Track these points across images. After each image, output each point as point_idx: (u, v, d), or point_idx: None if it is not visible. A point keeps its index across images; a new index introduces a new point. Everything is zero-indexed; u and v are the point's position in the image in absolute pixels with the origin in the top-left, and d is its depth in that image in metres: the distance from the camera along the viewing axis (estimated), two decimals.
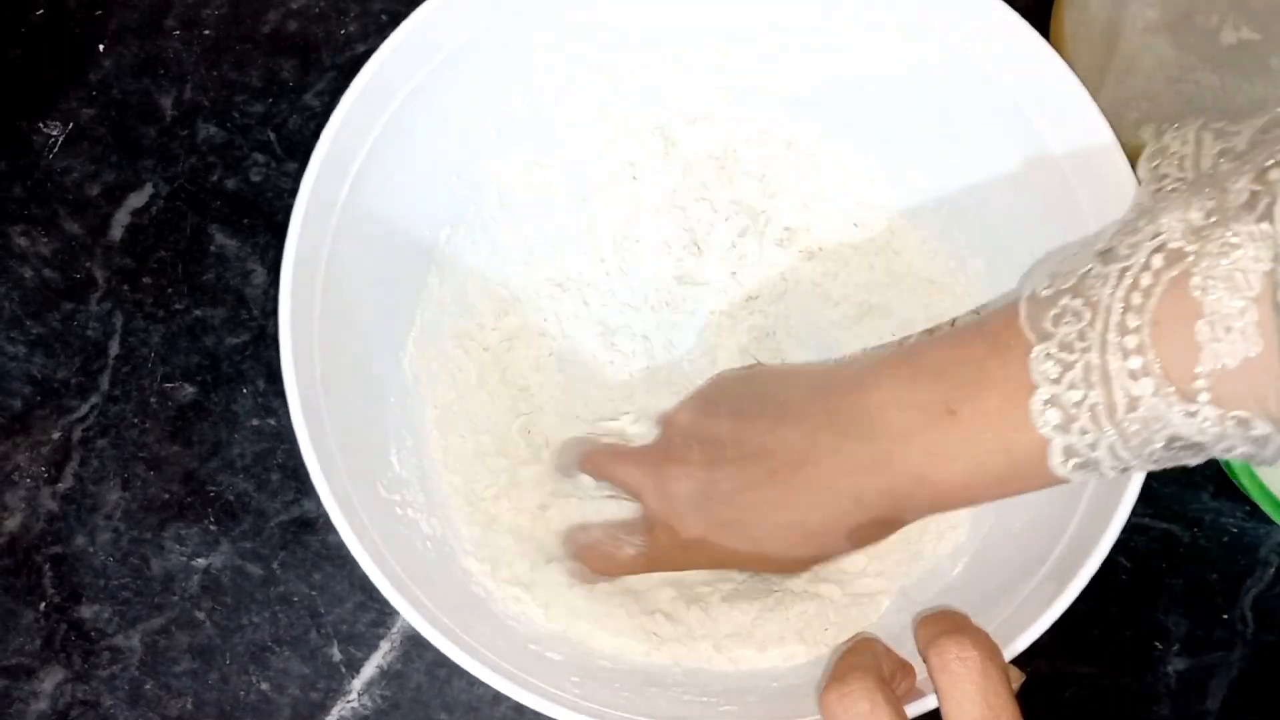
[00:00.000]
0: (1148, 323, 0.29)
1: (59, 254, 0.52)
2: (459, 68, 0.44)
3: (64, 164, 0.53)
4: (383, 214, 0.44)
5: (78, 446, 0.51)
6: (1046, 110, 0.41)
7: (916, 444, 0.35)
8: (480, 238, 0.49)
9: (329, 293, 0.41)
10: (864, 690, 0.33)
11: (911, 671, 0.37)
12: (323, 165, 0.40)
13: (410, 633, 0.49)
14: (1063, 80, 0.40)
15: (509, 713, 0.49)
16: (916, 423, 0.35)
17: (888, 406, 0.35)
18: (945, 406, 0.34)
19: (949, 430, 0.34)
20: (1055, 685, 0.49)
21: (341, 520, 0.37)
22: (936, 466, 0.34)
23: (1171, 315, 0.29)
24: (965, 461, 0.34)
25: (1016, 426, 0.32)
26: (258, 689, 0.49)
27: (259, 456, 0.51)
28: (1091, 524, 0.38)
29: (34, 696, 0.49)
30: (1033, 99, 0.42)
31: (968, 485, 0.34)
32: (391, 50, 0.41)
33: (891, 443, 0.35)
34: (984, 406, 0.33)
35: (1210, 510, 0.50)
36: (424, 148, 0.45)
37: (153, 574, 0.50)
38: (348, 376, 0.42)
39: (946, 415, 0.34)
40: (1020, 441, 0.32)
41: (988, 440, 0.33)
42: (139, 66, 0.54)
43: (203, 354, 0.52)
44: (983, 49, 0.42)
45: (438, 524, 0.44)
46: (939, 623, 0.35)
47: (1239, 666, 0.50)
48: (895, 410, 0.35)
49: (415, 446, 0.46)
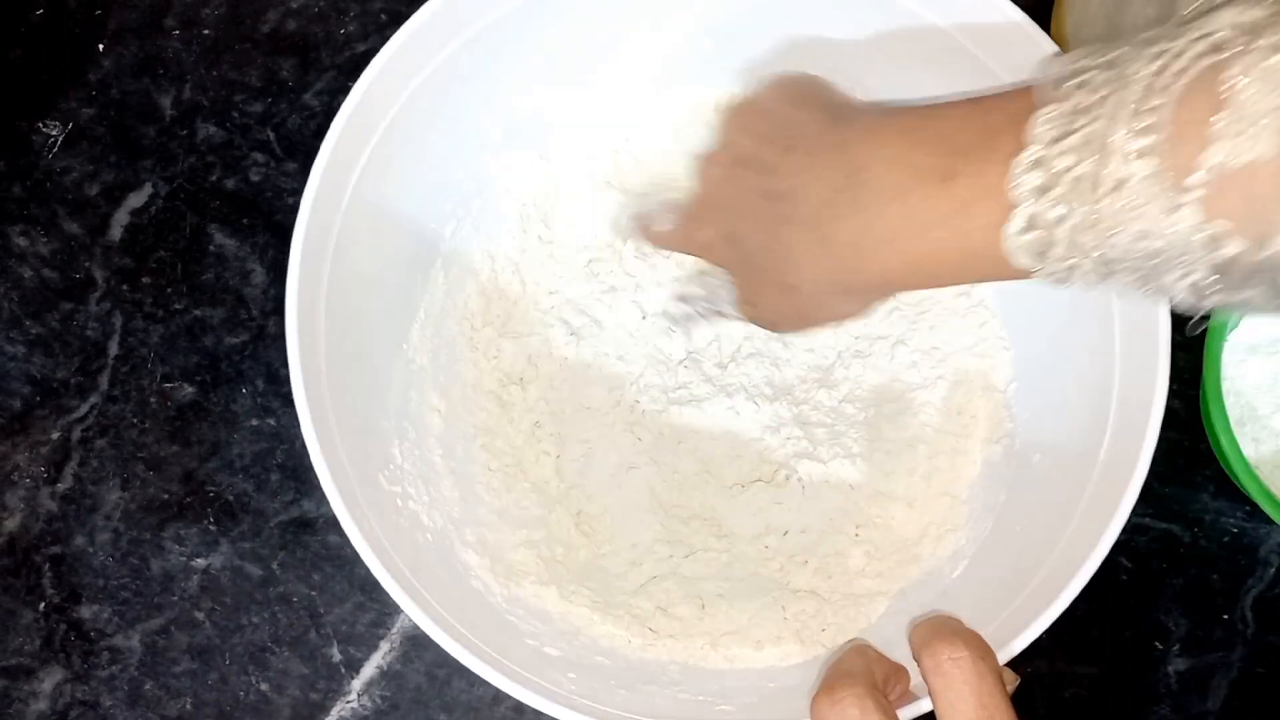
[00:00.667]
0: (1170, 102, 0.28)
1: (58, 254, 0.52)
2: (462, 65, 0.44)
3: (63, 164, 0.53)
4: (387, 209, 0.44)
5: (77, 446, 0.51)
6: None
7: (900, 202, 0.34)
8: (484, 232, 0.49)
9: (334, 286, 0.41)
10: (854, 697, 0.33)
11: (905, 676, 0.37)
12: (329, 160, 0.40)
13: (410, 633, 0.49)
14: None
15: (509, 713, 0.49)
16: (906, 181, 0.34)
17: (886, 161, 0.35)
18: (942, 173, 0.33)
19: (938, 196, 0.33)
20: (1055, 685, 0.49)
21: (343, 510, 0.37)
22: (915, 229, 0.34)
23: (1197, 100, 0.27)
24: (945, 230, 0.33)
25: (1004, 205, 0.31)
26: (257, 689, 0.49)
27: (258, 456, 0.51)
28: (1091, 524, 0.38)
29: (34, 696, 0.49)
30: None
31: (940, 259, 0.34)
32: (399, 46, 0.41)
33: (876, 194, 0.35)
34: (982, 179, 0.32)
35: (1211, 510, 0.50)
36: (428, 144, 0.45)
37: (152, 574, 0.50)
38: (351, 369, 0.42)
39: (939, 182, 0.33)
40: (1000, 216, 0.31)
41: (974, 214, 0.32)
42: (139, 66, 0.54)
43: (202, 354, 0.52)
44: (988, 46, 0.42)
45: (439, 517, 0.45)
46: (932, 626, 0.35)
47: (1239, 666, 0.50)
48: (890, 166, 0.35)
49: (418, 439, 0.46)
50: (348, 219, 0.42)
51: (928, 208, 0.33)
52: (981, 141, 0.32)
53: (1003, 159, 0.31)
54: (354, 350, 0.43)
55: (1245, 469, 0.45)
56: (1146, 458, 0.38)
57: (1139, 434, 0.38)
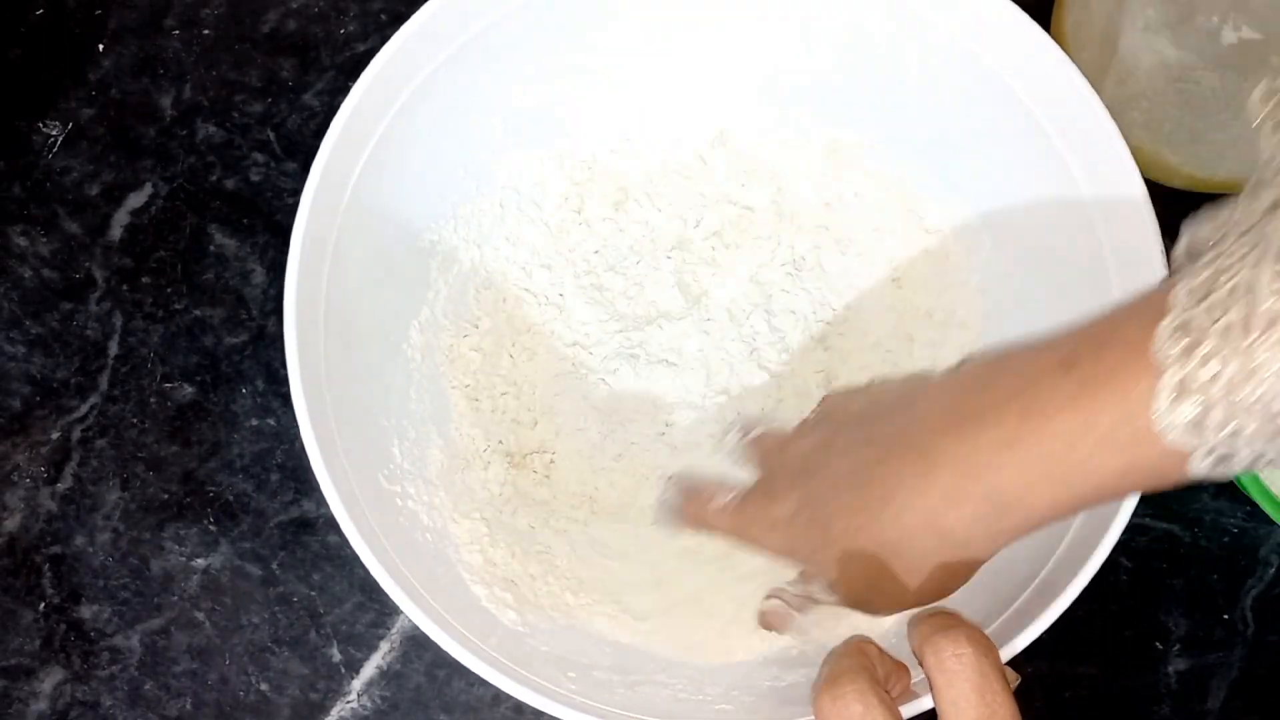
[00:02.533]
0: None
1: (58, 254, 0.52)
2: (463, 65, 0.44)
3: (63, 164, 0.53)
4: (387, 208, 0.45)
5: (77, 446, 0.51)
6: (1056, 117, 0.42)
7: (1019, 399, 0.31)
8: (485, 231, 0.49)
9: (333, 286, 0.41)
10: (856, 692, 0.33)
11: (906, 673, 0.37)
12: (329, 160, 0.40)
13: (410, 633, 0.49)
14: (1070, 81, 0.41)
15: (508, 713, 0.49)
16: (1025, 380, 0.31)
17: (1002, 373, 0.32)
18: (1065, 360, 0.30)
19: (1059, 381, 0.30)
20: (1055, 685, 0.49)
21: (342, 510, 0.37)
22: (1035, 424, 0.30)
23: None
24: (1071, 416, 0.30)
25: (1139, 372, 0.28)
26: (257, 689, 0.49)
27: (258, 456, 0.51)
28: (1092, 525, 0.38)
29: (33, 697, 0.49)
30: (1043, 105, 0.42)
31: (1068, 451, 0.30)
32: (399, 46, 0.41)
33: (992, 400, 0.32)
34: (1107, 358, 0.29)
35: (1211, 510, 0.50)
36: (428, 144, 0.45)
37: (152, 574, 0.50)
38: (351, 369, 0.42)
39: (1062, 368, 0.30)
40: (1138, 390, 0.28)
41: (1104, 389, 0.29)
42: (138, 66, 0.54)
43: (202, 354, 0.52)
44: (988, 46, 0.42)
45: (438, 517, 0.45)
46: (934, 621, 0.35)
47: (1239, 666, 0.50)
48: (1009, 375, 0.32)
49: (417, 438, 0.46)
50: (347, 219, 0.42)
51: (1050, 396, 0.30)
52: (1108, 330, 0.30)
53: (1131, 341, 0.28)
54: (353, 350, 0.43)
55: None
56: None
57: None
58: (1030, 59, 0.41)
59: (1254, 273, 0.26)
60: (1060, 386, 0.30)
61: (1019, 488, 0.32)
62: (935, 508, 0.33)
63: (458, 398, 0.48)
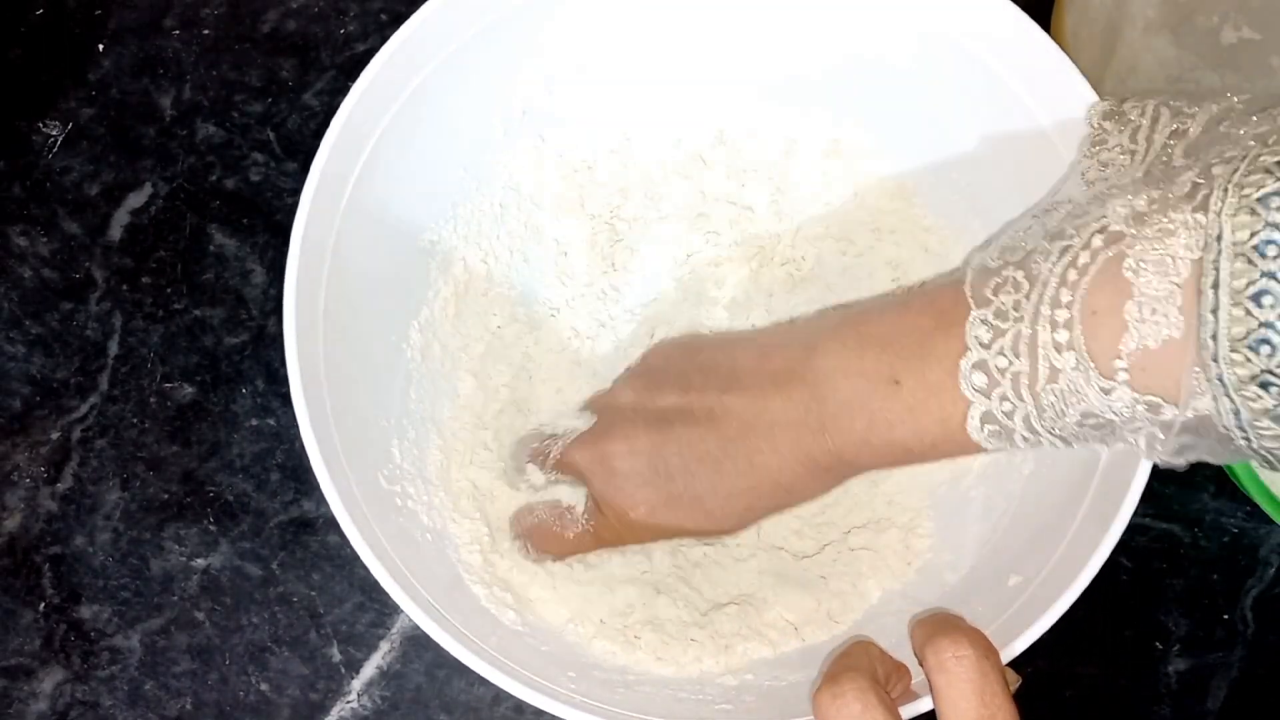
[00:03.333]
0: (1079, 299, 0.31)
1: (58, 254, 0.52)
2: (462, 65, 0.44)
3: (63, 164, 0.53)
4: (387, 208, 0.45)
5: (77, 446, 0.51)
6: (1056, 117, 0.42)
7: (861, 411, 0.36)
8: (484, 231, 0.49)
9: (333, 286, 0.41)
10: (857, 691, 0.33)
11: (907, 673, 0.37)
12: (329, 160, 0.40)
13: (410, 633, 0.49)
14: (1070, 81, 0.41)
15: (509, 713, 0.49)
16: (862, 391, 0.36)
17: (835, 374, 0.37)
18: (890, 377, 0.35)
19: (892, 399, 0.35)
20: (1055, 685, 0.49)
21: (342, 510, 0.37)
22: (880, 432, 0.35)
23: (1103, 293, 0.30)
24: (906, 428, 0.35)
25: (954, 398, 0.33)
26: (257, 689, 0.49)
27: (258, 456, 0.51)
28: (1093, 526, 0.38)
29: (33, 697, 0.49)
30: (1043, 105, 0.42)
31: (909, 449, 0.35)
32: (398, 46, 0.41)
33: (838, 409, 0.36)
34: (926, 379, 0.34)
35: (1211, 510, 0.50)
36: (428, 143, 0.45)
37: (152, 574, 0.50)
38: (351, 369, 0.42)
39: (890, 385, 0.35)
40: (955, 412, 0.33)
41: (929, 410, 0.34)
42: (138, 66, 0.54)
43: (202, 354, 0.52)
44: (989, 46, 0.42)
45: (438, 517, 0.45)
46: (935, 623, 0.35)
47: (1239, 666, 0.50)
48: (842, 378, 0.36)
49: (416, 438, 0.46)
50: (347, 218, 0.42)
51: (885, 411, 0.35)
52: (919, 344, 0.35)
53: (941, 360, 0.34)
54: (353, 350, 0.43)
55: (1245, 469, 0.45)
56: (1148, 460, 0.38)
57: None
58: (1030, 59, 0.41)
59: (1031, 325, 0.31)
60: (891, 405, 0.35)
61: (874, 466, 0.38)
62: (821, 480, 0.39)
63: (458, 394, 0.48)
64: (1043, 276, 0.31)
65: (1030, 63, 0.42)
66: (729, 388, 0.40)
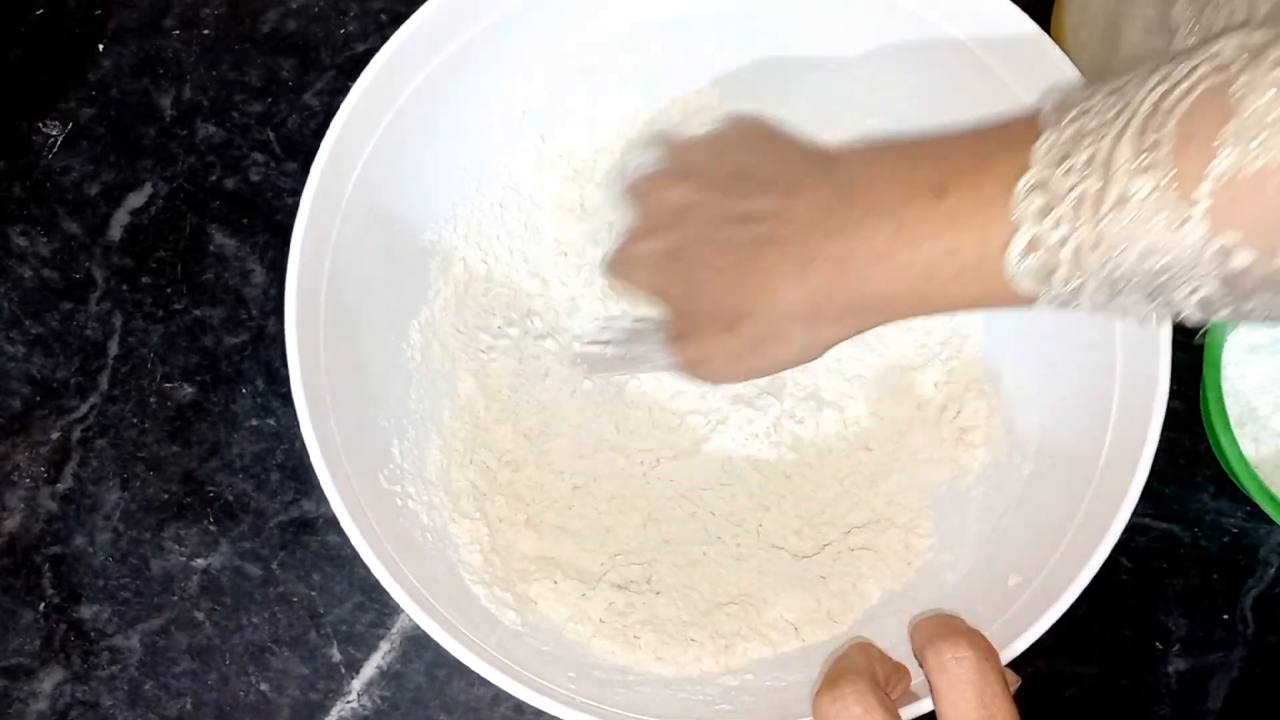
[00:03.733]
0: (1176, 118, 0.27)
1: (58, 254, 0.52)
2: (462, 65, 0.44)
3: (63, 164, 0.53)
4: (387, 208, 0.45)
5: (77, 446, 0.51)
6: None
7: (891, 217, 0.33)
8: (484, 231, 0.49)
9: (333, 286, 0.41)
10: (856, 694, 0.33)
11: (906, 675, 0.37)
12: (329, 160, 0.40)
13: (410, 633, 0.49)
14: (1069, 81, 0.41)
15: (509, 713, 0.49)
16: (898, 196, 0.33)
17: (878, 180, 0.34)
18: (936, 186, 0.32)
19: (930, 209, 0.32)
20: (1055, 685, 0.49)
21: (343, 510, 0.37)
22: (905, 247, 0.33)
23: (1204, 114, 0.27)
24: (937, 245, 0.32)
25: (1001, 219, 0.30)
26: (257, 689, 0.49)
27: (258, 456, 0.51)
28: (1093, 526, 0.38)
29: (33, 697, 0.49)
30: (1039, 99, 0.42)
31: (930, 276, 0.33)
32: (398, 46, 0.41)
33: (867, 210, 0.34)
34: (976, 192, 0.31)
35: (1211, 510, 0.50)
36: (428, 143, 0.45)
37: (152, 574, 0.50)
38: (351, 368, 0.42)
39: (932, 195, 0.32)
40: (998, 235, 0.30)
41: (970, 226, 0.31)
42: (138, 66, 0.54)
43: (202, 354, 0.52)
44: (988, 46, 0.42)
45: (438, 517, 0.45)
46: (935, 624, 0.35)
47: (1239, 666, 0.50)
48: (885, 184, 0.34)
49: (416, 438, 0.46)
50: (347, 219, 0.42)
51: (920, 221, 0.32)
52: (977, 162, 0.32)
53: (998, 178, 0.31)
54: (354, 350, 0.43)
55: (1245, 469, 0.45)
56: (1148, 459, 0.38)
57: (1140, 435, 0.38)
58: (1030, 59, 0.41)
59: (1114, 146, 0.28)
60: (929, 215, 0.32)
61: (885, 296, 0.34)
62: (810, 298, 0.36)
63: (459, 394, 0.48)
64: (1136, 100, 0.28)
65: (1030, 63, 0.42)
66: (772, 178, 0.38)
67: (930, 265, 0.32)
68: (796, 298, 0.36)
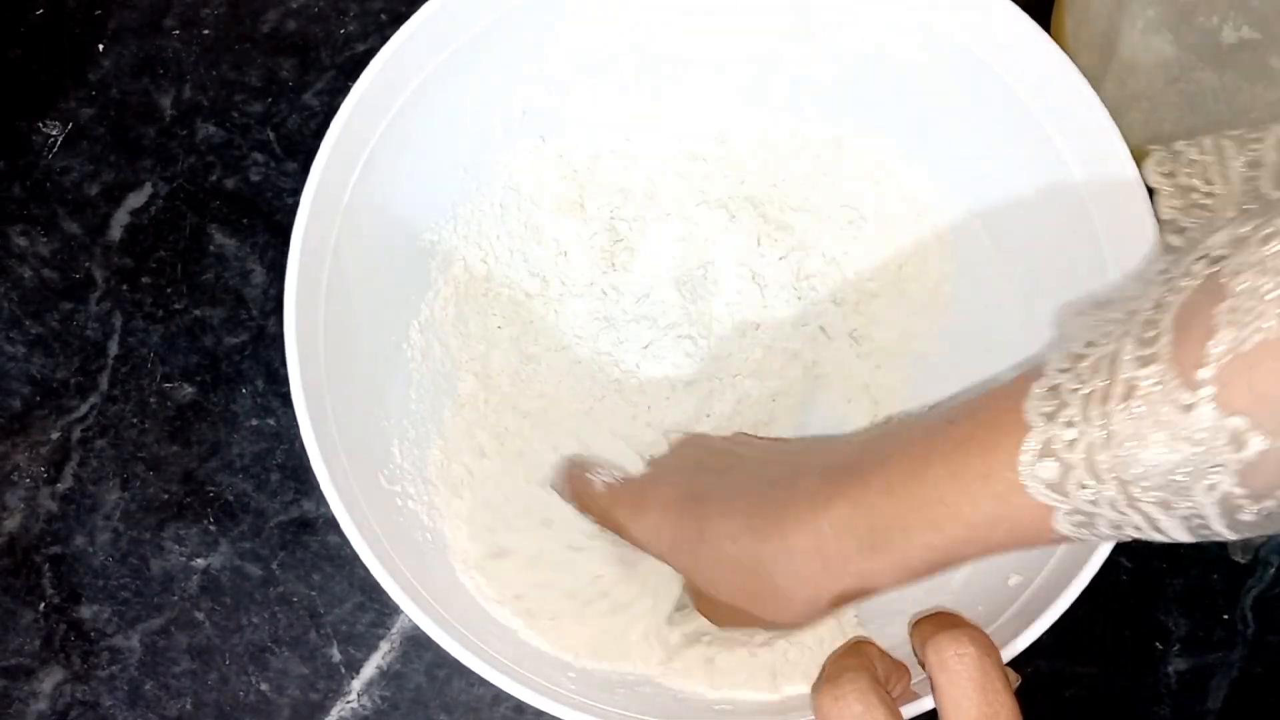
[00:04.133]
0: (1173, 310, 0.28)
1: (58, 254, 0.52)
2: (462, 65, 0.44)
3: (63, 164, 0.53)
4: (387, 208, 0.45)
5: (77, 446, 0.51)
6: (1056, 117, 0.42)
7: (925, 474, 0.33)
8: (484, 231, 0.49)
9: (333, 286, 0.41)
10: (857, 692, 0.33)
11: (907, 673, 0.37)
12: (329, 160, 0.40)
13: (410, 633, 0.49)
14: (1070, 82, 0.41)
15: (509, 713, 0.49)
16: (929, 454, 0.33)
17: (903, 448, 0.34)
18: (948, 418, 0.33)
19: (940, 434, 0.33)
20: (1055, 685, 0.49)
21: (342, 510, 0.37)
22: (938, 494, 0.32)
23: (1198, 303, 0.27)
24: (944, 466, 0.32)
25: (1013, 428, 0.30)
26: (257, 689, 0.49)
27: (258, 456, 0.51)
28: None
29: (33, 697, 0.49)
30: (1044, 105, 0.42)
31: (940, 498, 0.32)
32: (398, 46, 0.41)
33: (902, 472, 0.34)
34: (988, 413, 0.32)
35: None
36: (428, 143, 0.45)
37: (152, 574, 0.50)
38: (351, 369, 0.42)
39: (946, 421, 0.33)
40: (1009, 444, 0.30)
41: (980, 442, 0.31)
42: (138, 66, 0.54)
43: (202, 354, 0.52)
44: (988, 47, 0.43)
45: (438, 517, 0.45)
46: (935, 622, 0.35)
47: (1239, 666, 0.50)
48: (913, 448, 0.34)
49: (416, 438, 0.46)
50: (347, 219, 0.42)
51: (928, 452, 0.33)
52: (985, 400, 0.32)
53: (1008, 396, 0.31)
54: (353, 350, 0.43)
55: None
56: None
57: None
58: (1030, 59, 0.42)
59: (1118, 344, 0.29)
60: (939, 441, 0.32)
61: (897, 526, 0.33)
62: (822, 531, 0.35)
63: (459, 394, 0.48)
64: (1138, 307, 0.29)
65: (1030, 63, 0.42)
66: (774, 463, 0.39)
67: (940, 486, 0.32)
68: (809, 531, 0.35)
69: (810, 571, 0.35)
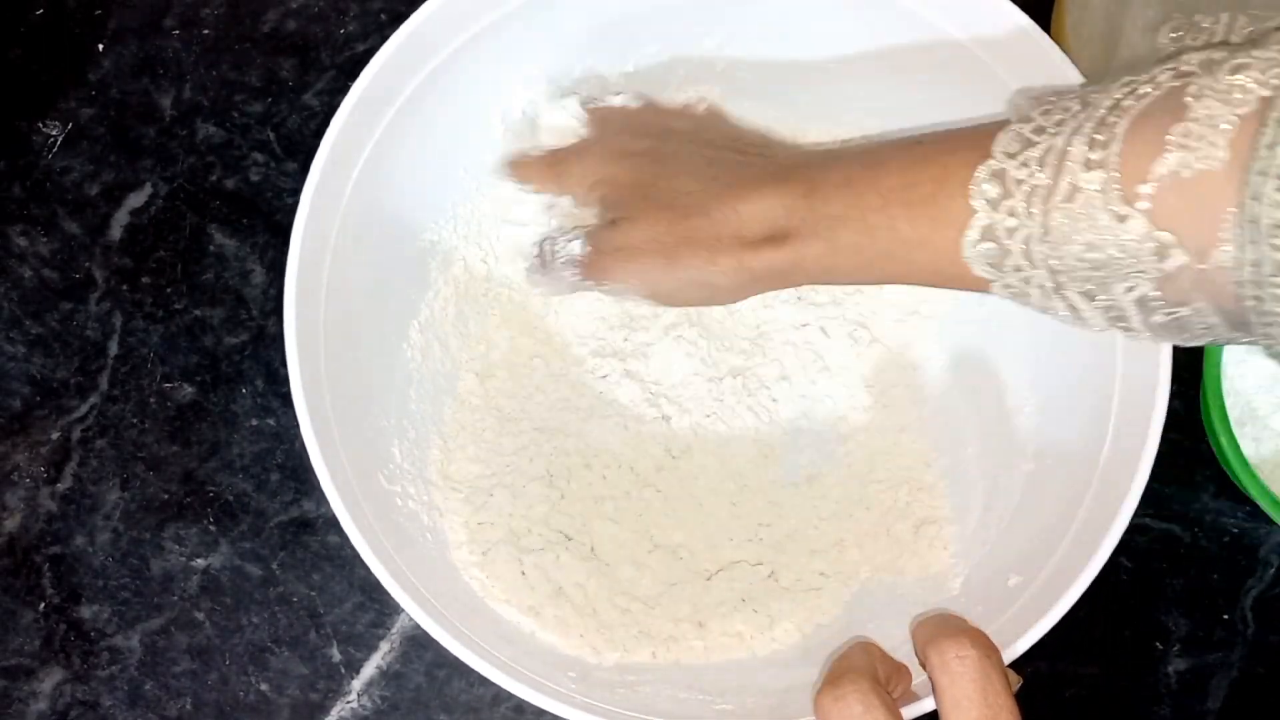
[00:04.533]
0: (1128, 120, 0.29)
1: (58, 254, 0.52)
2: (462, 65, 0.44)
3: (63, 164, 0.53)
4: (387, 208, 0.45)
5: (77, 446, 0.51)
6: None
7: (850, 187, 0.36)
8: (484, 230, 0.49)
9: (333, 286, 0.41)
10: (858, 693, 0.33)
11: (907, 674, 0.37)
12: (328, 160, 0.40)
13: (410, 633, 0.49)
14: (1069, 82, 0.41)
15: (509, 713, 0.49)
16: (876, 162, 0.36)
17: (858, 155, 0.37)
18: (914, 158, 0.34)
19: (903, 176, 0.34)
20: (1055, 685, 0.49)
21: (343, 510, 0.37)
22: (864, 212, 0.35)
23: (1154, 118, 0.29)
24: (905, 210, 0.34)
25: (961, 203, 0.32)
26: (257, 689, 0.49)
27: (258, 456, 0.51)
28: (1093, 526, 0.38)
29: (33, 697, 0.49)
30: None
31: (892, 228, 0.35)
32: (398, 46, 0.41)
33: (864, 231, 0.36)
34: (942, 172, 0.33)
35: (1211, 510, 0.50)
36: (427, 143, 0.45)
37: (152, 574, 0.50)
38: (351, 368, 0.42)
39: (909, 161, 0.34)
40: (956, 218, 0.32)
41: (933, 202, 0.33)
42: (138, 66, 0.54)
43: (202, 354, 0.52)
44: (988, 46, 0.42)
45: (437, 516, 0.45)
46: (937, 624, 0.35)
47: (1239, 666, 0.50)
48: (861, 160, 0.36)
49: (416, 438, 0.46)
50: (347, 218, 0.42)
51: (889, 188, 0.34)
52: (948, 147, 0.34)
53: (962, 165, 0.32)
54: (353, 350, 0.43)
55: (1245, 469, 0.45)
56: (1149, 459, 0.38)
57: (1140, 436, 0.38)
58: (1030, 59, 0.41)
59: (1068, 141, 0.30)
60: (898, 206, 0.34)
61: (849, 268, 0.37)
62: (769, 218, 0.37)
63: (459, 394, 0.48)
64: (1097, 101, 0.30)
65: (1030, 63, 0.42)
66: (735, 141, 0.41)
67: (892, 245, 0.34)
68: (757, 212, 0.38)
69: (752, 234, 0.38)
